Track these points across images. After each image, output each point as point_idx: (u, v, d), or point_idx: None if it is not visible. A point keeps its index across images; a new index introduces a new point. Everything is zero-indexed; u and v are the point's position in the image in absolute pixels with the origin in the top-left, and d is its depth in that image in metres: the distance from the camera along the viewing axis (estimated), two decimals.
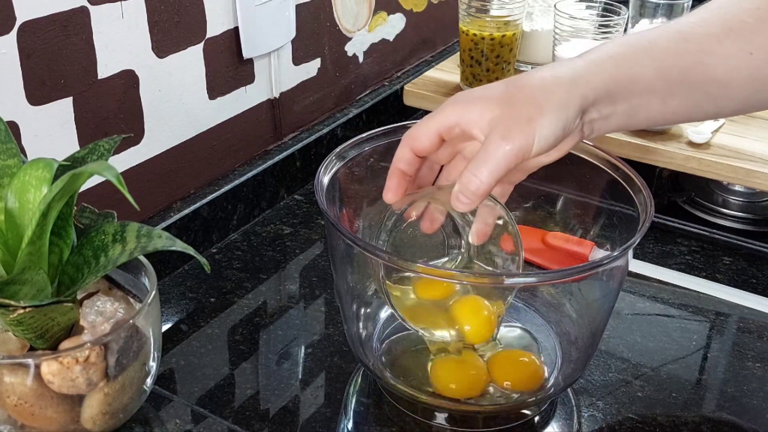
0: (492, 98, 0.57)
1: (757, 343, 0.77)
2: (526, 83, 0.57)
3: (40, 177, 0.56)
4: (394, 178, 0.62)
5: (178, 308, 0.80)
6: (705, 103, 0.59)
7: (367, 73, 1.13)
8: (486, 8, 1.03)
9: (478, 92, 0.59)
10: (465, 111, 0.57)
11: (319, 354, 0.75)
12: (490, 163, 0.55)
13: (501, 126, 0.55)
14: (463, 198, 0.57)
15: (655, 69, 0.57)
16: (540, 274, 0.74)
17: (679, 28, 0.59)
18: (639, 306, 0.82)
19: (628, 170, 0.66)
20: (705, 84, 0.58)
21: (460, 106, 0.58)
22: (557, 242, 0.79)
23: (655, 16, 1.00)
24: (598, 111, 0.57)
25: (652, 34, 0.59)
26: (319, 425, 0.67)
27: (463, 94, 0.60)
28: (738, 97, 0.59)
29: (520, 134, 0.55)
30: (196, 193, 0.89)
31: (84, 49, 0.73)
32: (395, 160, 0.61)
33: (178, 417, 0.67)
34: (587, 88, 0.56)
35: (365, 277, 0.72)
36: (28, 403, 0.57)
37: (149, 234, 0.57)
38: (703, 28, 0.58)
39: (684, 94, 0.58)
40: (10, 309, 0.55)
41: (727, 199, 0.99)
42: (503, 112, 0.55)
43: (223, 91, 0.89)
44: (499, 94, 0.57)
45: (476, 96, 0.58)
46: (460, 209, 0.58)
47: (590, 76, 0.56)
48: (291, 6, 0.94)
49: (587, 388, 0.71)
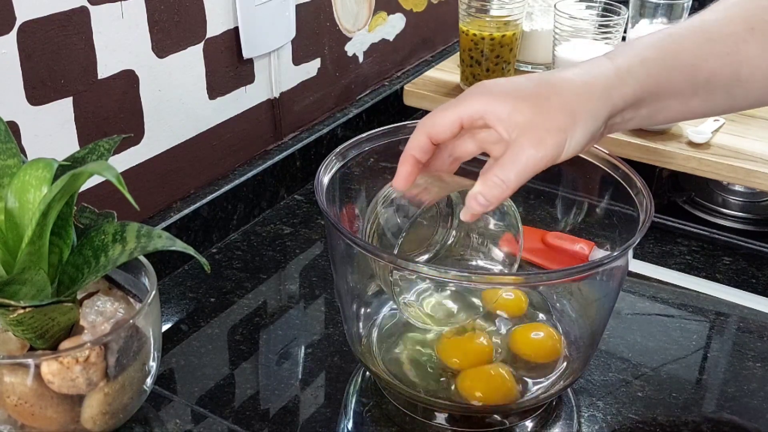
0: (522, 99, 0.55)
1: (757, 343, 0.77)
2: (558, 88, 0.56)
3: (40, 177, 0.56)
4: (407, 165, 0.59)
5: (178, 308, 0.80)
6: (723, 101, 0.59)
7: (367, 73, 1.13)
8: (486, 8, 1.03)
9: (506, 87, 0.57)
10: (492, 105, 0.56)
11: (319, 354, 0.75)
12: (519, 171, 0.54)
13: (532, 133, 0.54)
14: (482, 200, 0.56)
15: (683, 74, 0.57)
16: (540, 274, 0.74)
17: (704, 27, 0.58)
18: (639, 306, 0.82)
19: (628, 170, 0.66)
20: (728, 84, 0.58)
21: (486, 98, 0.56)
22: (557, 242, 0.79)
23: (655, 16, 1.00)
24: (622, 116, 0.57)
25: (679, 34, 0.58)
26: (319, 425, 0.67)
27: (489, 84, 0.58)
28: (755, 94, 0.59)
29: (552, 144, 0.54)
30: (196, 193, 0.89)
31: (84, 49, 0.73)
32: (410, 147, 0.59)
33: (178, 417, 0.67)
34: (618, 98, 0.56)
35: (365, 277, 0.72)
36: (28, 403, 0.57)
37: (149, 234, 0.57)
38: (729, 27, 0.58)
39: (706, 95, 0.58)
40: (10, 309, 0.55)
41: (727, 199, 0.99)
42: (535, 118, 0.54)
43: (223, 91, 0.89)
44: (530, 95, 0.55)
45: (505, 91, 0.56)
46: (475, 210, 0.57)
47: (622, 86, 0.56)
48: (291, 6, 0.94)
49: (587, 388, 0.71)
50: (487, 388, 0.66)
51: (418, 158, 0.59)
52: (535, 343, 0.70)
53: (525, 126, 0.54)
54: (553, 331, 0.71)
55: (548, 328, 0.71)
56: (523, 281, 0.74)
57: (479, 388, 0.65)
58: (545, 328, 0.72)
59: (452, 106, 0.57)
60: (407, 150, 0.59)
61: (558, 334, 0.71)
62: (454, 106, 0.57)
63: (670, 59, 0.57)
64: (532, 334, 0.71)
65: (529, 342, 0.70)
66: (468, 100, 0.57)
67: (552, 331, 0.71)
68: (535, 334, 0.71)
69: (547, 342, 0.70)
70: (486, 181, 0.56)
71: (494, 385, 0.66)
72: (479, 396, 0.65)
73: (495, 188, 0.55)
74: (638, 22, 1.01)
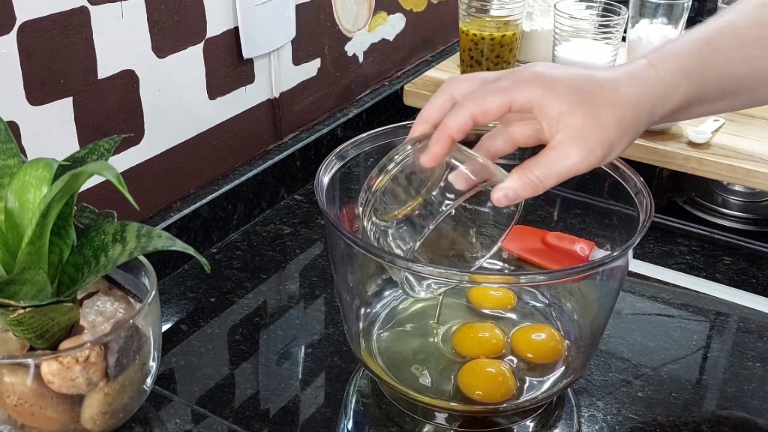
0: (577, 102, 0.54)
1: (757, 343, 0.77)
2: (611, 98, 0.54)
3: (40, 177, 0.56)
4: (441, 144, 0.56)
5: (178, 308, 0.80)
6: (746, 101, 0.60)
7: (367, 73, 1.13)
8: (486, 8, 1.03)
9: (563, 84, 0.54)
10: (546, 99, 0.54)
11: (319, 354, 0.75)
12: (560, 175, 0.54)
13: (583, 142, 0.53)
14: (512, 195, 0.54)
15: (717, 83, 0.58)
16: (540, 274, 0.74)
17: (737, 31, 0.58)
18: (639, 306, 0.82)
19: (628, 170, 0.66)
20: (755, 87, 0.59)
21: (541, 90, 0.54)
22: (557, 242, 0.79)
23: (655, 16, 1.00)
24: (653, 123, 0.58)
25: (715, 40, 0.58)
26: (319, 425, 0.67)
27: (544, 73, 0.55)
28: None
29: (599, 155, 0.54)
30: (196, 193, 0.89)
31: (84, 49, 0.73)
32: (447, 126, 0.55)
33: (178, 417, 0.67)
34: (659, 113, 0.56)
35: (365, 277, 0.72)
36: (28, 403, 0.57)
37: (149, 234, 0.57)
38: (760, 31, 0.58)
39: (732, 98, 0.59)
40: (10, 309, 0.55)
41: (727, 199, 0.99)
42: (587, 127, 0.53)
43: (223, 91, 0.89)
44: (585, 100, 0.54)
45: (561, 90, 0.54)
46: (500, 204, 0.55)
47: (665, 101, 0.56)
48: (291, 6, 0.94)
49: (587, 388, 0.71)
50: (487, 385, 0.66)
51: (455, 138, 0.56)
52: (536, 344, 0.70)
53: (576, 132, 0.54)
54: (555, 332, 0.71)
55: (550, 329, 0.72)
56: (523, 281, 0.74)
57: (480, 387, 0.65)
58: (547, 329, 0.72)
59: (504, 91, 0.54)
60: (444, 128, 0.56)
61: (560, 335, 0.71)
62: (506, 91, 0.54)
63: (707, 71, 0.57)
64: (534, 335, 0.71)
65: (530, 343, 0.70)
66: (523, 88, 0.54)
67: (554, 332, 0.71)
68: (537, 336, 0.71)
69: (549, 343, 0.70)
70: (522, 177, 0.54)
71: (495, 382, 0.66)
72: (479, 394, 0.65)
73: (529, 187, 0.54)
74: (638, 22, 1.01)
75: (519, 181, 0.54)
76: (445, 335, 0.71)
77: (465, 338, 0.70)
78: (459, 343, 0.70)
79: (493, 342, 0.70)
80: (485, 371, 0.67)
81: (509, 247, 0.80)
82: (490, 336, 0.70)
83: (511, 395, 0.65)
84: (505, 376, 0.66)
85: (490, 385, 0.66)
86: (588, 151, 0.54)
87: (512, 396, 0.65)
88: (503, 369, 0.67)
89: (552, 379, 0.67)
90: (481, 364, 0.68)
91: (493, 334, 0.70)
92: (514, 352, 0.70)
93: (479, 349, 0.69)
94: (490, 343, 0.70)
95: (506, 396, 0.65)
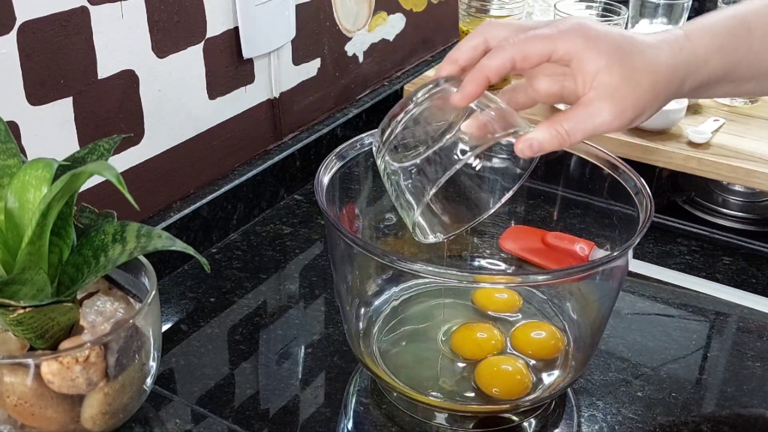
0: (617, 61, 0.53)
1: (757, 343, 0.77)
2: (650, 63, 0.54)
3: (40, 177, 0.56)
4: (475, 84, 0.54)
5: (178, 308, 0.80)
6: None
7: (367, 73, 1.13)
8: (486, 8, 1.03)
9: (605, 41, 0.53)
10: (585, 54, 0.53)
11: (319, 354, 0.75)
12: (588, 132, 0.53)
13: (617, 101, 0.53)
14: (537, 147, 0.54)
15: (749, 64, 0.57)
16: (540, 274, 0.74)
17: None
18: (639, 306, 0.82)
19: (628, 170, 0.66)
20: None
21: (584, 43, 0.53)
22: (557, 242, 0.79)
23: (655, 16, 1.00)
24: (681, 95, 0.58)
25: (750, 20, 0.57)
26: (319, 425, 0.67)
27: (590, 27, 0.54)
28: None
29: (630, 117, 0.54)
30: (196, 193, 0.89)
31: (84, 49, 0.73)
32: (485, 66, 0.54)
33: (178, 417, 0.67)
34: (690, 84, 0.56)
35: (365, 276, 0.72)
36: (28, 403, 0.57)
37: (149, 234, 0.57)
38: None
39: (761, 81, 0.59)
40: (10, 309, 0.55)
41: (727, 199, 0.99)
42: (623, 86, 0.53)
43: (223, 91, 0.89)
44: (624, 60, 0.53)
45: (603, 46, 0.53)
46: (524, 154, 0.54)
47: (697, 74, 0.56)
48: (291, 6, 0.94)
49: (587, 388, 0.71)
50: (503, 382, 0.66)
51: (491, 80, 0.54)
52: (535, 342, 0.70)
53: (610, 90, 0.53)
54: (555, 329, 0.71)
55: (550, 326, 0.72)
56: (523, 281, 0.74)
57: (496, 384, 0.66)
58: (547, 326, 0.72)
59: (547, 38, 0.53)
60: (484, 68, 0.54)
61: (559, 333, 0.71)
62: (549, 38, 0.53)
63: (741, 50, 0.57)
64: (533, 333, 0.71)
65: (529, 341, 0.70)
66: (565, 38, 0.53)
67: (553, 330, 0.71)
68: (536, 334, 0.71)
69: (549, 341, 0.70)
70: (550, 128, 0.54)
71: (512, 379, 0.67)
72: (496, 392, 0.65)
73: (555, 139, 0.54)
74: (638, 22, 1.01)
75: (547, 133, 0.54)
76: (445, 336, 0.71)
77: (463, 339, 0.70)
78: (457, 344, 0.70)
79: (491, 343, 0.70)
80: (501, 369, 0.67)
81: (509, 247, 0.80)
82: (488, 336, 0.70)
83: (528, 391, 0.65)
84: (522, 373, 0.67)
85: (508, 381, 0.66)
86: (620, 111, 0.53)
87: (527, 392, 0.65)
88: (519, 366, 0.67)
89: (552, 377, 0.67)
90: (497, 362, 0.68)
91: (492, 335, 0.70)
92: (514, 350, 0.70)
93: (479, 350, 0.69)
94: (488, 343, 0.70)
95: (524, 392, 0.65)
